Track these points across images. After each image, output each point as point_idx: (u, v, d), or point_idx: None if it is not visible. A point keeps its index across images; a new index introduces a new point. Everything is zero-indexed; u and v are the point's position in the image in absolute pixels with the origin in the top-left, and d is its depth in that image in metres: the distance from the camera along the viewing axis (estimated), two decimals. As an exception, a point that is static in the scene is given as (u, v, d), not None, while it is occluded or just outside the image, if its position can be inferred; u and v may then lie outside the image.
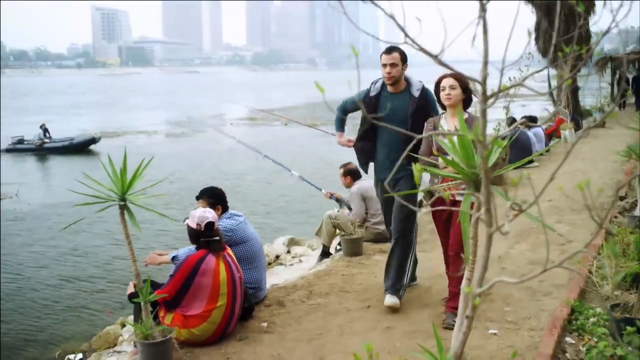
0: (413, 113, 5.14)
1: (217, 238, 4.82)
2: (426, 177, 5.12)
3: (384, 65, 5.19)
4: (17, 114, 50.13)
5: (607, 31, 1.92)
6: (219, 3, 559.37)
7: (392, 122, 4.74)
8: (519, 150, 11.28)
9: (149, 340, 4.29)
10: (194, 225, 4.82)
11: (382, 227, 7.32)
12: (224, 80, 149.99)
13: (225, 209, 5.59)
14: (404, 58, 5.20)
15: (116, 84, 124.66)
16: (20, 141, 28.08)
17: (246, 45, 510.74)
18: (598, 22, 2.34)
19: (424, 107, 5.14)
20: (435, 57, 1.78)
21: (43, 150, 27.07)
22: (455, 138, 3.08)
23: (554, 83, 19.85)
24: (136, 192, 4.17)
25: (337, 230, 7.76)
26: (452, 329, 4.27)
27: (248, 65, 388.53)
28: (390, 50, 5.17)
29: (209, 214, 4.87)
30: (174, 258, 5.18)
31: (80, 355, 7.13)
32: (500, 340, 4.49)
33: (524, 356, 4.17)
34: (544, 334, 4.24)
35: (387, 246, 7.31)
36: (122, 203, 4.14)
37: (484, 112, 1.91)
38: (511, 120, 11.31)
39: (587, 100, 27.63)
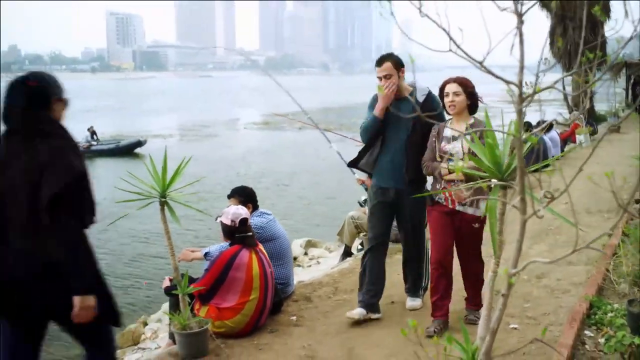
0: (417, 118, 4.86)
1: (251, 234, 5.06)
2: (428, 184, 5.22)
3: (379, 78, 5.01)
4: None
5: (630, 39, 2.10)
6: (233, 8, 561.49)
7: (396, 128, 5.02)
8: (535, 154, 11.42)
9: (186, 330, 4.52)
10: (228, 222, 5.05)
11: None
12: (237, 84, 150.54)
13: (255, 207, 5.82)
14: (397, 65, 4.99)
15: (131, 88, 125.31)
16: None
17: (259, 50, 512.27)
18: (617, 28, 2.48)
19: (429, 111, 4.86)
20: (480, 64, 1.98)
21: (90, 152, 27.31)
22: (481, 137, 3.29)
23: (568, 89, 19.96)
24: (175, 190, 4.41)
25: (359, 231, 7.97)
26: (474, 323, 4.45)
27: (261, 69, 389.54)
28: (381, 61, 5.02)
29: (242, 211, 5.11)
30: (206, 254, 5.40)
31: None
32: (521, 334, 4.67)
33: (543, 349, 4.36)
34: (564, 327, 4.43)
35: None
36: (163, 200, 4.38)
37: (519, 112, 2.12)
38: (527, 126, 11.47)
39: (601, 105, 27.67)
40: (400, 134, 5.01)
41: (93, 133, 28.72)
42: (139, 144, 28.05)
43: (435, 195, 4.74)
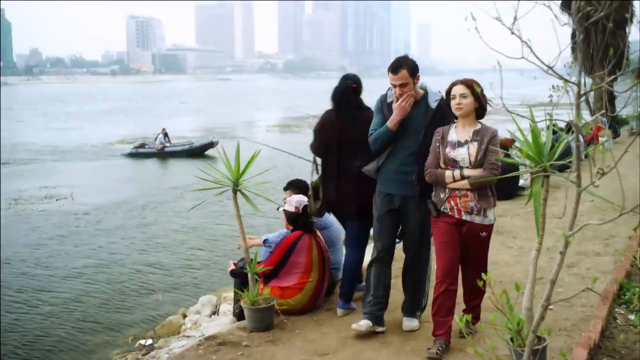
0: (429, 124, 4.69)
1: (310, 221, 5.59)
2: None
3: (394, 86, 4.74)
4: (59, 119, 51.73)
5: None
6: (252, 11, 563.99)
7: (406, 133, 4.76)
8: (561, 155, 11.83)
9: (255, 306, 5.05)
10: (292, 209, 5.59)
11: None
12: (256, 87, 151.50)
13: (309, 198, 6.34)
14: (413, 72, 4.69)
15: (150, 91, 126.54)
16: (142, 145, 29.14)
17: (278, 53, 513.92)
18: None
19: (441, 119, 4.65)
20: (550, 68, 2.45)
21: (164, 154, 27.98)
22: (528, 134, 3.75)
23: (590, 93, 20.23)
24: (246, 179, 4.95)
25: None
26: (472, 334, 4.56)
27: (279, 73, 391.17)
28: (396, 68, 4.69)
29: (304, 199, 5.64)
30: (265, 241, 5.93)
31: (150, 341, 7.79)
32: (556, 314, 5.13)
33: (578, 326, 4.84)
34: (597, 303, 4.89)
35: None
36: (236, 188, 4.91)
37: (578, 106, 2.59)
38: (568, 127, 11.89)
39: (624, 109, 27.91)
40: (409, 141, 4.76)
41: (166, 135, 29.17)
42: (211, 144, 28.13)
43: (440, 205, 4.52)
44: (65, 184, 21.12)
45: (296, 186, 6.28)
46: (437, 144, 4.50)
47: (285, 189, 6.32)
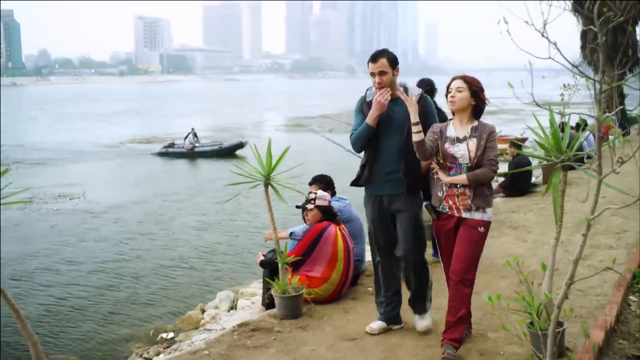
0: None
1: (336, 212, 5.89)
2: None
3: (372, 74, 4.68)
4: (66, 120, 52.12)
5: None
6: (259, 12, 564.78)
7: (388, 131, 4.70)
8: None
9: (285, 294, 5.32)
10: (327, 203, 5.92)
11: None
12: (263, 87, 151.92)
13: (333, 192, 6.61)
14: (392, 62, 4.68)
15: (158, 91, 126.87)
16: (171, 145, 29.25)
17: (285, 54, 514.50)
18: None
19: (423, 115, 4.47)
20: (574, 67, 2.69)
21: (194, 154, 28.15)
22: (547, 130, 4.00)
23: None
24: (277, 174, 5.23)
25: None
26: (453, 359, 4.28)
27: (287, 73, 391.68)
28: (376, 57, 4.70)
29: (327, 194, 5.96)
30: (291, 234, 6.20)
31: (171, 334, 7.80)
32: (572, 302, 5.35)
33: (593, 313, 5.08)
34: (611, 291, 5.14)
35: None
36: (267, 182, 5.20)
37: (599, 102, 2.84)
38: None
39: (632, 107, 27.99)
40: (393, 139, 4.70)
41: (195, 135, 29.25)
42: (241, 145, 28.24)
43: (439, 205, 4.48)
44: (86, 182, 21.41)
45: (321, 181, 6.56)
46: (435, 136, 4.41)
47: (311, 183, 6.60)
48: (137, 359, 6.88)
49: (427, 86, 6.40)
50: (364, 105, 4.82)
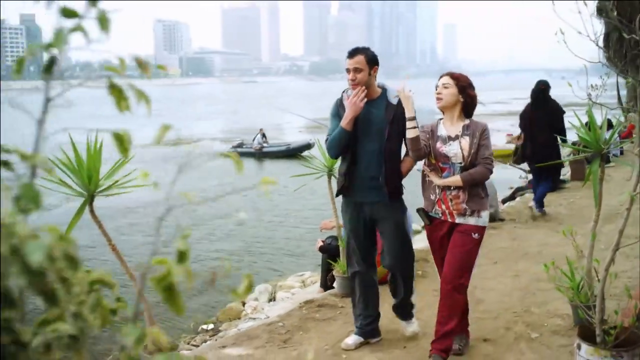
0: (391, 122, 4.31)
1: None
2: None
3: (348, 71, 4.40)
4: (100, 121, 52.93)
5: None
6: (277, 14, 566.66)
7: (367, 134, 4.37)
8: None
9: (345, 274, 5.88)
10: None
11: (492, 209, 8.81)
12: (282, 89, 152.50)
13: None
14: (371, 61, 4.38)
15: (178, 94, 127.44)
16: (240, 145, 29.36)
17: (303, 56, 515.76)
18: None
19: (403, 116, 4.19)
20: (622, 69, 3.17)
21: (262, 154, 28.34)
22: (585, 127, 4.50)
23: (622, 92, 20.72)
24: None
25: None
26: None
27: (305, 75, 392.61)
28: (353, 53, 4.40)
29: None
30: (345, 223, 6.76)
31: (212, 326, 7.96)
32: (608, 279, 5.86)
33: (621, 297, 5.58)
34: (642, 279, 5.63)
35: (498, 225, 8.87)
36: (330, 173, 5.78)
37: (636, 98, 3.32)
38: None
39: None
40: (373, 143, 4.38)
41: (263, 135, 29.34)
42: (308, 146, 27.73)
43: (431, 209, 4.19)
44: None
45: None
46: (427, 136, 4.16)
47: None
48: (185, 345, 6.89)
49: (542, 85, 8.81)
50: (340, 108, 4.46)
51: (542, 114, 8.76)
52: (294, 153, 27.76)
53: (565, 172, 13.29)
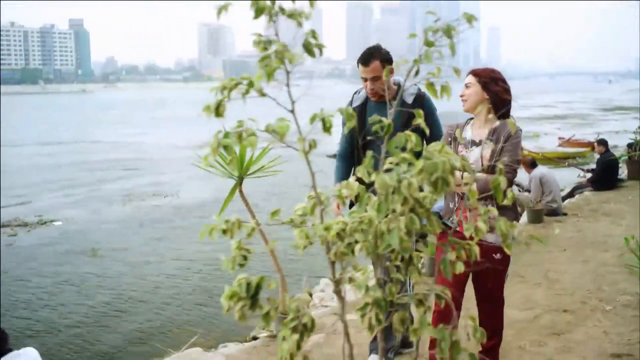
0: (406, 124, 3.43)
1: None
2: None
3: (364, 79, 4.14)
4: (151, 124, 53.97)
5: None
6: (320, 17, 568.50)
7: (378, 144, 3.77)
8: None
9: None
10: None
11: (555, 204, 9.41)
12: (325, 92, 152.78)
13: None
14: (386, 63, 4.07)
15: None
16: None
17: (346, 59, 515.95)
18: None
19: (423, 111, 3.47)
20: None
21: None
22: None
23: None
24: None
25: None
26: None
27: (348, 78, 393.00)
28: (367, 60, 4.09)
29: None
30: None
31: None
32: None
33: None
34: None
35: (562, 218, 9.43)
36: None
37: None
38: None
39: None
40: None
41: None
42: None
43: (448, 217, 3.72)
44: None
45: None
46: (449, 139, 3.73)
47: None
48: (261, 332, 6.85)
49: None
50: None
51: None
52: None
53: (622, 172, 13.75)
